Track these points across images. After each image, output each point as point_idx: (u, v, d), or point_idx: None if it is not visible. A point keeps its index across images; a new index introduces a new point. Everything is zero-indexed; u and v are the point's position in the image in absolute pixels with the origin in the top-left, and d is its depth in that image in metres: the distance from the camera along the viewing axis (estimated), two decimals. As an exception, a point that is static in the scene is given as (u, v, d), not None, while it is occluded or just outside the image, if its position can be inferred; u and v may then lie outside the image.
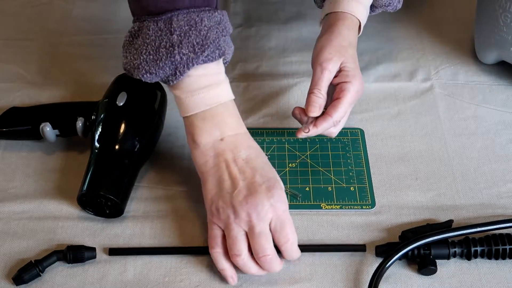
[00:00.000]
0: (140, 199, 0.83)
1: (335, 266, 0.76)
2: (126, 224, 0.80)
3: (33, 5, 1.15)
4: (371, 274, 0.73)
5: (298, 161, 0.87)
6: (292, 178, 0.85)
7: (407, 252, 0.74)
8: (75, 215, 0.81)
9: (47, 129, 0.85)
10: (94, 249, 0.76)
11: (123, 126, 0.82)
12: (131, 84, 0.85)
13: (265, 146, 0.89)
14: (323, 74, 0.81)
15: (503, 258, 0.75)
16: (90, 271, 0.75)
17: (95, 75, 1.00)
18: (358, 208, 0.82)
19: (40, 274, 0.74)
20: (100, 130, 0.82)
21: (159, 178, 0.86)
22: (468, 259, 0.76)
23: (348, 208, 0.82)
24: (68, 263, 0.76)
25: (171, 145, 0.90)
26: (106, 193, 0.77)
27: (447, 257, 0.75)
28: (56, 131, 0.86)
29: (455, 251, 0.75)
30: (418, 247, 0.74)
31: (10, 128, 0.87)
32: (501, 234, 0.75)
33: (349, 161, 0.87)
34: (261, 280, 0.75)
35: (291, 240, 0.73)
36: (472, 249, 0.75)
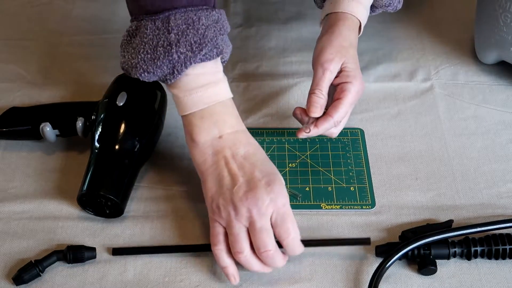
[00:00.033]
0: (140, 199, 0.83)
1: (335, 266, 0.76)
2: (126, 224, 0.80)
3: (33, 5, 1.14)
4: (371, 274, 0.73)
5: (298, 161, 0.87)
6: (292, 178, 0.85)
7: (407, 252, 0.74)
8: (75, 215, 0.81)
9: (47, 129, 0.85)
10: (94, 249, 0.76)
11: (123, 126, 0.82)
12: (131, 84, 0.85)
13: (265, 146, 0.89)
14: (325, 75, 0.81)
15: (503, 258, 0.75)
16: (90, 271, 0.75)
17: (95, 75, 1.00)
18: (358, 208, 0.82)
19: (40, 274, 0.74)
20: (100, 130, 0.82)
21: (159, 178, 0.86)
22: (468, 259, 0.76)
23: (348, 208, 0.82)
24: (68, 263, 0.76)
25: (171, 145, 0.90)
26: (106, 193, 0.77)
27: (447, 257, 0.75)
28: (56, 131, 0.86)
29: (455, 251, 0.75)
30: (418, 247, 0.74)
31: (10, 128, 0.87)
32: (501, 234, 0.75)
33: (349, 161, 0.87)
34: (261, 280, 0.75)
35: (293, 234, 0.72)
36: (472, 249, 0.75)
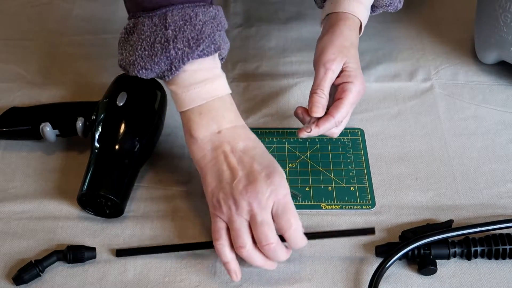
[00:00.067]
0: (140, 199, 0.83)
1: (335, 266, 0.76)
2: (126, 224, 0.80)
3: (33, 5, 1.14)
4: (371, 274, 0.73)
5: (298, 161, 0.87)
6: (292, 178, 0.85)
7: (407, 252, 0.74)
8: (75, 215, 0.81)
9: (47, 129, 0.85)
10: (94, 249, 0.76)
11: (123, 126, 0.82)
12: (131, 84, 0.85)
13: (265, 146, 0.88)
14: (327, 75, 0.81)
15: (503, 258, 0.75)
16: (90, 271, 0.75)
17: (95, 75, 1.00)
18: (358, 208, 0.82)
19: (40, 274, 0.74)
20: (100, 130, 0.82)
21: (159, 178, 0.86)
22: (468, 259, 0.76)
23: (348, 208, 0.82)
24: (68, 263, 0.76)
25: (171, 145, 0.90)
26: (106, 193, 0.77)
27: (447, 257, 0.75)
28: (56, 131, 0.86)
29: (455, 251, 0.75)
30: (418, 247, 0.74)
31: (10, 128, 0.87)
32: (501, 234, 0.75)
33: (349, 161, 0.87)
34: (261, 280, 0.75)
35: (294, 225, 0.71)
36: (472, 249, 0.75)
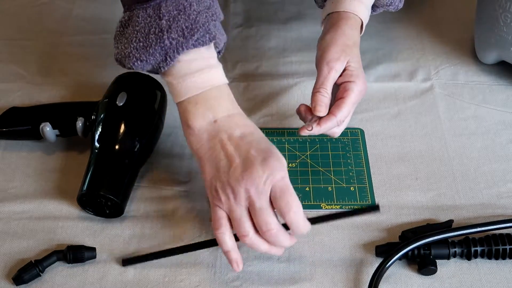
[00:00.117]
0: (140, 199, 0.83)
1: (335, 266, 0.76)
2: (126, 224, 0.80)
3: (33, 5, 1.14)
4: (371, 274, 0.73)
5: (298, 161, 0.87)
6: (292, 178, 0.84)
7: (407, 252, 0.74)
8: (75, 215, 0.81)
9: (47, 129, 0.85)
10: (94, 249, 0.76)
11: (123, 126, 0.82)
12: (131, 84, 0.86)
13: (265, 146, 0.89)
14: (330, 74, 0.80)
15: (503, 258, 0.75)
16: (90, 271, 0.75)
17: (95, 75, 1.00)
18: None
19: (40, 274, 0.74)
20: (100, 130, 0.82)
21: (159, 178, 0.85)
22: (468, 259, 0.76)
23: (348, 208, 0.82)
24: (68, 263, 0.76)
25: (171, 145, 0.90)
26: (106, 193, 0.77)
27: (447, 257, 0.75)
28: (56, 131, 0.86)
29: (455, 251, 0.75)
30: (418, 247, 0.74)
31: (10, 128, 0.87)
32: (501, 234, 0.75)
33: (349, 161, 0.87)
34: (261, 280, 0.74)
35: (294, 208, 0.69)
36: (472, 249, 0.75)
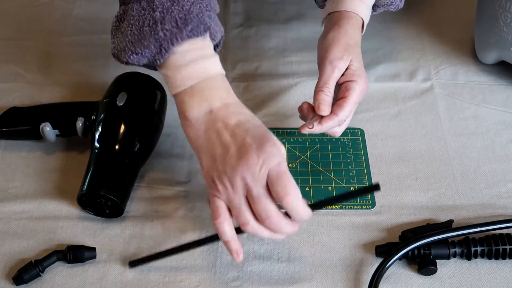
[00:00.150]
0: (140, 199, 0.83)
1: (335, 266, 0.76)
2: (126, 224, 0.80)
3: (33, 5, 1.14)
4: (371, 274, 0.73)
5: (298, 161, 0.87)
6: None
7: (407, 252, 0.74)
8: (75, 215, 0.81)
9: (47, 129, 0.85)
10: (94, 249, 0.76)
11: (123, 126, 0.82)
12: (131, 84, 0.86)
13: (265, 146, 0.89)
14: (334, 73, 0.80)
15: (503, 258, 0.75)
16: (90, 271, 0.75)
17: (95, 75, 1.00)
18: (358, 208, 0.82)
19: (40, 274, 0.74)
20: (100, 130, 0.82)
21: (159, 178, 0.85)
22: (468, 259, 0.76)
23: (348, 208, 0.82)
24: (68, 263, 0.76)
25: (171, 145, 0.90)
26: (106, 193, 0.77)
27: (447, 257, 0.75)
28: (56, 131, 0.86)
29: (455, 251, 0.75)
30: (418, 247, 0.74)
31: (10, 128, 0.87)
32: (501, 234, 0.75)
33: (349, 161, 0.87)
34: (261, 280, 0.74)
35: (292, 192, 0.67)
36: (472, 249, 0.75)
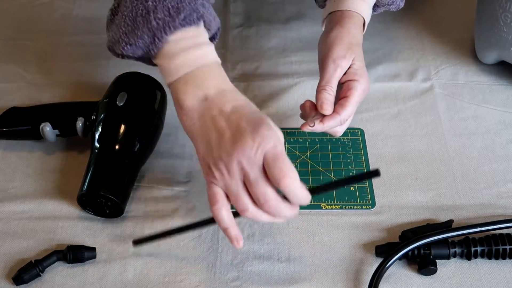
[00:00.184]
0: (140, 199, 0.83)
1: (335, 266, 0.76)
2: (126, 224, 0.80)
3: (33, 5, 1.14)
4: (371, 274, 0.73)
5: (298, 161, 0.87)
6: (292, 178, 0.85)
7: (407, 252, 0.74)
8: (75, 215, 0.81)
9: (47, 129, 0.85)
10: (94, 249, 0.76)
11: (123, 126, 0.82)
12: (131, 84, 0.85)
13: (265, 146, 0.89)
14: (336, 71, 0.80)
15: (503, 258, 0.75)
16: (90, 271, 0.75)
17: (95, 75, 1.00)
18: (358, 208, 0.82)
19: (40, 274, 0.74)
20: (100, 130, 0.82)
21: (159, 178, 0.85)
22: (468, 259, 0.76)
23: (348, 208, 0.82)
24: (68, 263, 0.76)
25: (171, 145, 0.90)
26: (106, 193, 0.77)
27: (447, 257, 0.75)
28: (56, 131, 0.86)
29: (455, 251, 0.75)
30: (418, 247, 0.74)
31: (10, 128, 0.87)
32: (501, 234, 0.75)
33: (349, 161, 0.87)
34: (261, 280, 0.74)
35: (289, 174, 0.65)
36: (472, 249, 0.75)
